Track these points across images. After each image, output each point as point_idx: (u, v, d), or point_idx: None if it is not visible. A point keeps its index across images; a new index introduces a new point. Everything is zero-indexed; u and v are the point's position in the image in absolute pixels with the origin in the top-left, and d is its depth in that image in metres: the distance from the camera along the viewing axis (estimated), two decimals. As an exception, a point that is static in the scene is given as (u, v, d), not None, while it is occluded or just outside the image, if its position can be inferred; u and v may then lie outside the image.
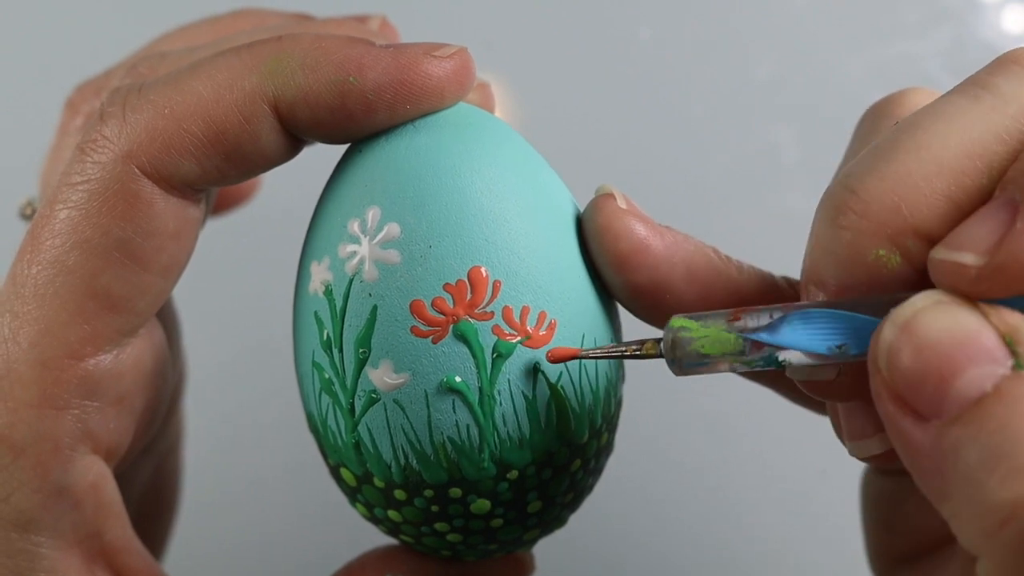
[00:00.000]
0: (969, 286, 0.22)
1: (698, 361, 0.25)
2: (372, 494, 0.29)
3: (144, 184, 0.27)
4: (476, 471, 0.28)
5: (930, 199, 0.23)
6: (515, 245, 0.27)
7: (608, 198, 0.28)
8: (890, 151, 0.24)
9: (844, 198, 0.24)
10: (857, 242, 0.24)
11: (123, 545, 0.29)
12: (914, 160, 0.23)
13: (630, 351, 0.26)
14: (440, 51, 0.27)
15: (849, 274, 0.24)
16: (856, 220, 0.24)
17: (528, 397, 0.27)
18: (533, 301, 0.27)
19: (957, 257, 0.22)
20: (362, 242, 0.27)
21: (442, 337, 0.26)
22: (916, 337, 0.22)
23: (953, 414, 0.21)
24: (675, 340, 0.25)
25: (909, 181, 0.23)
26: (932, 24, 0.50)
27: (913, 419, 0.21)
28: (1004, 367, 0.21)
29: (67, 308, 0.27)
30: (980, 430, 0.20)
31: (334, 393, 0.28)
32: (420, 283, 0.26)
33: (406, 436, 0.27)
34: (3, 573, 0.27)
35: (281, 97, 0.27)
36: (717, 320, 0.25)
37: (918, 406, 0.21)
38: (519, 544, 0.31)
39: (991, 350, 0.21)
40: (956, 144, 0.23)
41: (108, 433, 0.28)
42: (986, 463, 0.20)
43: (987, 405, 0.21)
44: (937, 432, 0.21)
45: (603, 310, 0.29)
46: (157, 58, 0.31)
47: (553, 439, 0.28)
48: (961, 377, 0.21)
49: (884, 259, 0.24)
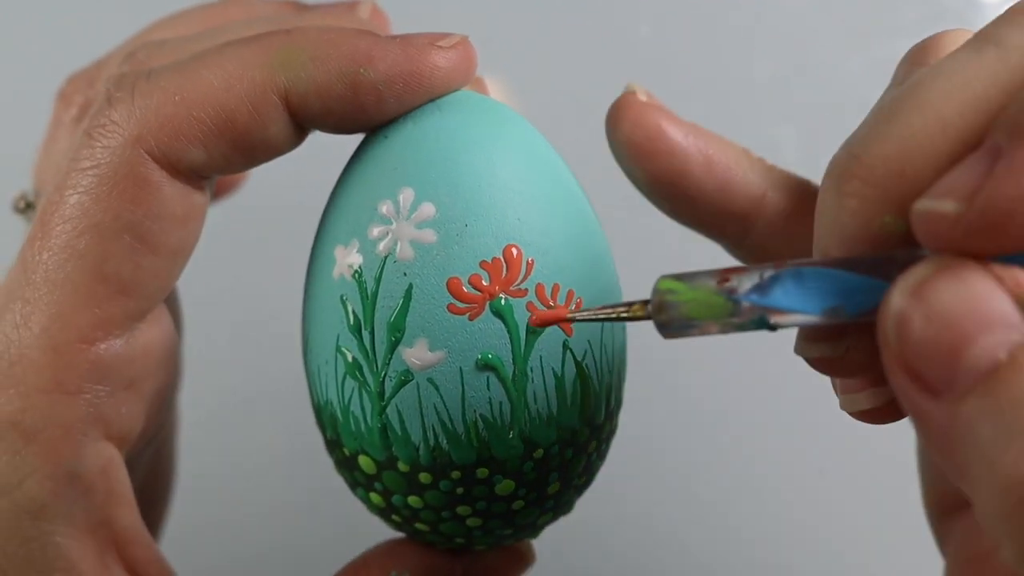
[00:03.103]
0: (949, 236, 0.20)
1: (686, 324, 0.23)
2: (393, 480, 0.29)
3: (153, 169, 0.27)
4: (505, 450, 0.28)
5: (935, 160, 0.22)
6: (544, 225, 0.28)
7: (630, 93, 0.29)
8: (893, 112, 0.22)
9: (848, 164, 0.23)
10: (863, 209, 0.22)
11: (133, 534, 0.28)
12: (917, 119, 0.22)
13: (617, 314, 0.25)
14: (445, 41, 0.28)
15: (856, 243, 0.23)
16: (861, 186, 0.22)
17: (557, 374, 0.28)
18: (563, 279, 0.28)
19: (937, 206, 0.20)
20: (395, 223, 0.27)
21: (478, 314, 0.27)
22: (924, 305, 0.20)
23: (966, 387, 0.19)
24: (662, 303, 0.23)
25: (912, 142, 0.22)
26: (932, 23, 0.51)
27: (926, 393, 0.20)
28: (1020, 332, 0.19)
29: (78, 293, 0.27)
30: (994, 403, 0.19)
31: (361, 377, 0.28)
32: (456, 261, 0.27)
33: (438, 415, 0.27)
34: (16, 561, 0.26)
35: (292, 89, 0.27)
36: (706, 281, 0.23)
37: (930, 379, 0.20)
38: (531, 530, 0.31)
39: (1005, 315, 0.19)
40: (959, 100, 0.22)
41: (119, 418, 0.28)
42: (1001, 438, 0.19)
43: (1001, 376, 0.19)
44: (950, 407, 0.20)
45: (620, 291, 0.30)
46: (155, 46, 0.31)
47: (576, 417, 0.29)
48: (973, 347, 0.19)
49: (891, 225, 0.22)
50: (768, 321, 0.23)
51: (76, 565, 0.27)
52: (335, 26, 0.28)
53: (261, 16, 0.33)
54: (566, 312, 0.27)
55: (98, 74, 0.34)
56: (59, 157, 0.33)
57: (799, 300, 0.22)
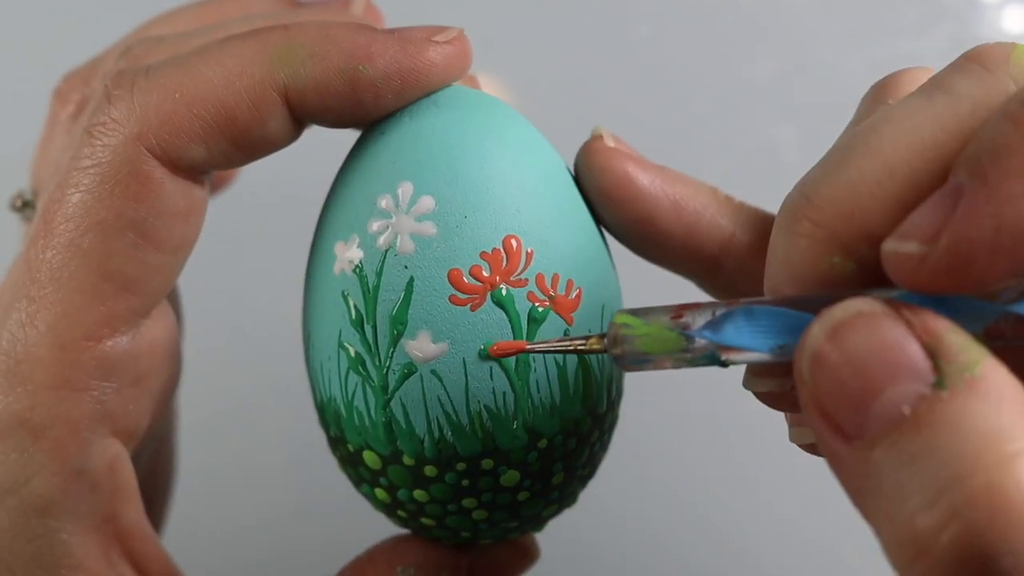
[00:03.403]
0: (916, 277, 0.20)
1: (641, 358, 0.24)
2: (398, 474, 0.29)
3: (154, 166, 0.27)
4: (509, 440, 0.28)
5: (883, 204, 0.22)
6: (542, 215, 0.28)
7: (597, 138, 0.30)
8: (844, 156, 0.23)
9: (799, 205, 0.23)
10: (812, 249, 0.23)
11: (138, 531, 0.28)
12: (867, 164, 0.22)
13: (575, 346, 0.26)
14: (442, 35, 0.29)
15: (805, 283, 0.23)
16: (811, 228, 0.23)
17: (559, 363, 0.28)
18: (562, 269, 0.28)
19: (902, 247, 0.21)
20: (395, 216, 0.27)
21: (480, 304, 0.27)
22: (838, 348, 0.20)
23: (873, 437, 0.19)
24: (616, 337, 0.24)
25: (861, 186, 0.22)
26: (932, 23, 0.51)
27: (838, 436, 0.20)
28: (926, 384, 0.19)
29: (83, 290, 0.27)
30: (896, 457, 0.19)
31: (364, 372, 0.28)
32: (457, 253, 0.27)
33: (442, 407, 0.27)
34: (23, 559, 0.26)
35: (291, 85, 0.27)
36: (660, 317, 0.24)
37: (841, 423, 0.20)
38: (536, 522, 0.31)
39: (914, 364, 0.19)
40: (907, 146, 0.22)
41: (126, 415, 0.28)
42: (899, 494, 0.19)
43: (904, 430, 0.19)
44: (859, 453, 0.20)
45: (617, 282, 0.31)
46: (151, 42, 0.31)
47: (579, 407, 0.29)
48: (880, 397, 0.20)
49: (839, 266, 0.23)
50: (720, 357, 0.23)
51: (82, 562, 0.27)
52: (333, 22, 0.29)
53: (257, 12, 0.34)
54: (525, 345, 0.27)
55: (94, 71, 0.34)
56: (56, 155, 0.34)
57: (750, 337, 0.23)
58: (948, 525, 0.18)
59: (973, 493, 0.18)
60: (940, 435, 0.19)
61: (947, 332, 0.20)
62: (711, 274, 0.30)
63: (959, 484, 0.18)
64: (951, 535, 0.18)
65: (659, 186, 0.29)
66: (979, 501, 0.18)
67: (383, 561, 0.32)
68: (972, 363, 0.19)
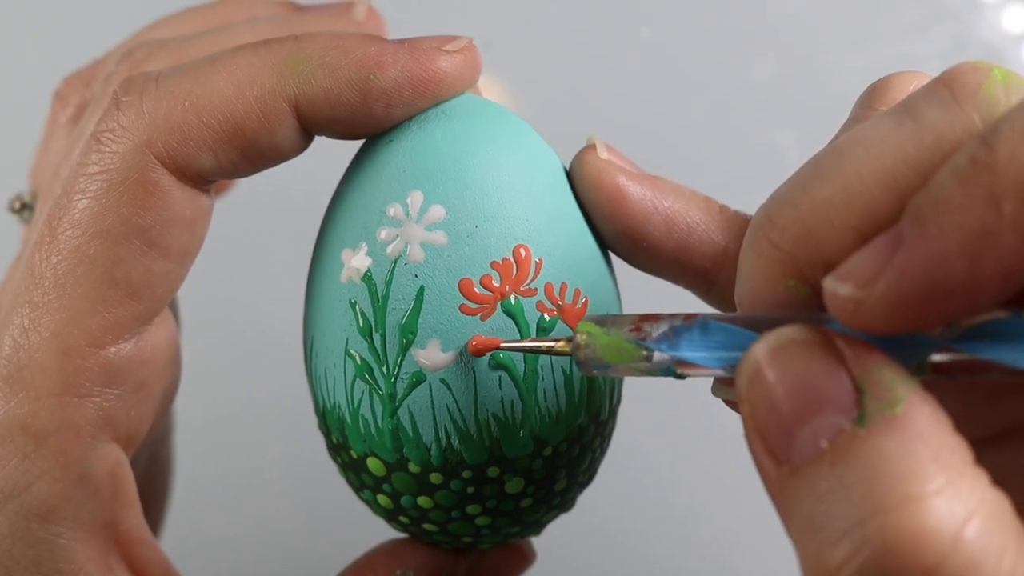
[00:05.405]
0: (852, 319, 0.20)
1: (603, 366, 0.25)
2: (403, 481, 0.29)
3: (162, 173, 0.27)
4: (516, 448, 0.28)
5: (840, 231, 0.22)
6: (551, 225, 0.28)
7: (590, 148, 0.30)
8: (808, 177, 0.23)
9: (761, 224, 0.23)
10: (769, 270, 0.23)
11: (137, 536, 0.28)
12: (828, 189, 0.22)
13: (547, 347, 0.26)
14: (452, 45, 0.28)
15: (763, 302, 0.23)
16: (769, 248, 0.23)
17: (566, 372, 0.28)
18: (570, 278, 0.28)
19: (839, 288, 0.20)
20: (404, 225, 0.27)
21: (490, 314, 0.27)
22: (775, 371, 0.20)
23: (795, 464, 0.20)
24: (579, 344, 0.25)
25: (819, 211, 0.22)
26: (932, 24, 0.51)
27: (769, 456, 0.20)
28: (848, 418, 0.19)
29: (88, 297, 0.27)
30: (812, 490, 0.19)
31: (372, 380, 0.28)
32: (468, 262, 0.27)
33: (450, 416, 0.27)
34: (23, 563, 0.26)
35: (302, 96, 0.27)
36: (621, 327, 0.24)
37: (771, 445, 0.20)
38: (536, 527, 0.32)
39: (839, 398, 0.20)
40: (869, 172, 0.22)
41: (127, 420, 0.28)
42: (812, 524, 0.19)
43: (820, 464, 0.19)
44: (784, 477, 0.20)
45: (617, 288, 0.31)
46: (154, 45, 0.31)
47: (583, 414, 0.29)
48: (805, 427, 0.20)
49: (793, 289, 0.23)
50: (675, 371, 0.24)
51: (82, 567, 0.27)
52: (343, 32, 0.29)
53: (259, 16, 0.33)
54: (500, 342, 0.27)
55: (94, 74, 0.34)
56: (56, 157, 0.33)
57: (703, 352, 0.23)
58: (851, 562, 0.18)
59: (876, 533, 0.18)
60: (852, 472, 0.19)
61: (877, 367, 0.20)
62: (705, 286, 0.30)
63: (865, 523, 0.18)
64: (852, 572, 0.18)
65: (650, 200, 0.29)
66: (880, 541, 0.18)
67: (382, 564, 0.32)
68: (896, 400, 0.19)
